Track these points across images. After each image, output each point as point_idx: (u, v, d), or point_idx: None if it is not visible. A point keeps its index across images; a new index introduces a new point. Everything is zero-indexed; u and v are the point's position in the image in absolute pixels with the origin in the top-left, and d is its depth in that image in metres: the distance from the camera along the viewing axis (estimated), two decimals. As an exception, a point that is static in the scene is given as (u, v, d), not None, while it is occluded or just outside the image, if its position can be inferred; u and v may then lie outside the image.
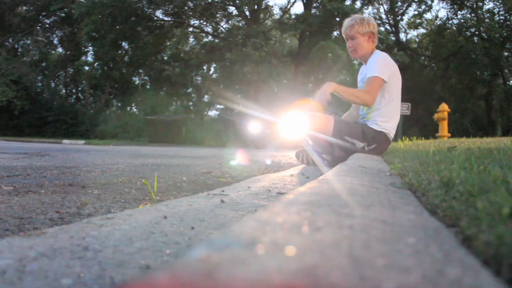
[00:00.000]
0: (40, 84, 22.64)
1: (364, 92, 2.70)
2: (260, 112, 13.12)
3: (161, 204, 1.10)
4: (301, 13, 18.74)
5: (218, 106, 23.69)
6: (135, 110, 23.75)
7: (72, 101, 24.30)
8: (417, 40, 23.93)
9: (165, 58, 23.31)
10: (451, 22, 20.32)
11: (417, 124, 19.35)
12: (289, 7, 20.86)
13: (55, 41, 24.10)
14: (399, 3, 21.29)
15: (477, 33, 18.96)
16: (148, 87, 24.79)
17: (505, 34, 17.85)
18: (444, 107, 9.22)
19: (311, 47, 18.32)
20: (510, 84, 20.99)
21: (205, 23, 20.79)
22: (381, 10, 22.01)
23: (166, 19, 19.82)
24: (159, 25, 19.94)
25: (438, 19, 22.13)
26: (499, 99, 20.38)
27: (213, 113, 25.32)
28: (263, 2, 19.10)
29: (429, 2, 20.57)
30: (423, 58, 22.67)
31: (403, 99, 3.99)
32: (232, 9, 19.69)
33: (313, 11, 18.68)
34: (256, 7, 18.61)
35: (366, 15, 3.08)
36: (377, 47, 2.99)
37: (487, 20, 18.53)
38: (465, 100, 20.85)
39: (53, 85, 24.47)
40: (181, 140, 15.70)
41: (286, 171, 2.81)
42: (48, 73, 23.82)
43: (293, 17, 19.62)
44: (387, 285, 0.30)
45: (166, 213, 0.94)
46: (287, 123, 2.88)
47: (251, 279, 0.29)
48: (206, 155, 5.81)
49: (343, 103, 3.02)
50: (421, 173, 1.16)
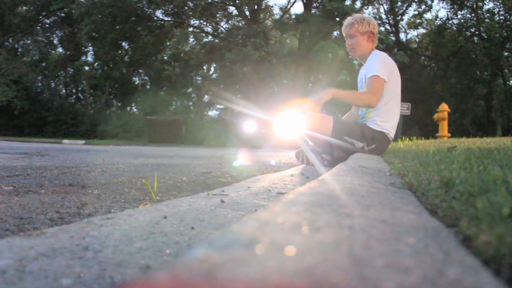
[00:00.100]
0: (40, 84, 22.65)
1: (367, 93, 2.68)
2: (256, 111, 12.99)
3: (161, 204, 1.10)
4: (301, 13, 18.73)
5: (218, 106, 23.72)
6: (135, 110, 23.81)
7: (72, 101, 24.32)
8: (417, 40, 23.94)
9: (165, 58, 23.34)
10: (451, 22, 20.35)
11: (417, 124, 19.36)
12: (289, 7, 20.89)
13: (55, 41, 24.17)
14: (399, 3, 21.30)
15: (477, 33, 18.97)
16: (148, 87, 24.83)
17: (505, 34, 17.86)
18: (444, 107, 9.22)
19: (311, 47, 18.33)
20: (510, 84, 21.01)
21: (205, 23, 20.80)
22: (381, 10, 22.04)
23: (166, 19, 19.83)
24: (159, 25, 19.94)
25: (438, 19, 22.17)
26: (499, 99, 20.40)
27: (213, 113, 25.35)
28: (263, 2, 19.12)
29: (429, 2, 20.61)
30: (423, 58, 22.67)
31: (403, 99, 3.98)
32: (232, 9, 19.72)
33: (313, 11, 18.67)
34: (256, 7, 18.63)
35: (367, 15, 3.07)
36: (377, 47, 2.99)
37: (487, 20, 18.55)
38: (465, 100, 20.87)
39: (53, 85, 24.50)
40: (181, 140, 15.70)
41: (286, 171, 2.81)
42: (48, 73, 23.84)
43: (293, 17, 19.63)
44: (387, 285, 0.30)
45: (166, 213, 0.94)
46: (283, 122, 2.86)
47: (251, 279, 0.29)
48: (206, 155, 5.81)
49: (340, 102, 3.00)
50: (421, 173, 1.16)
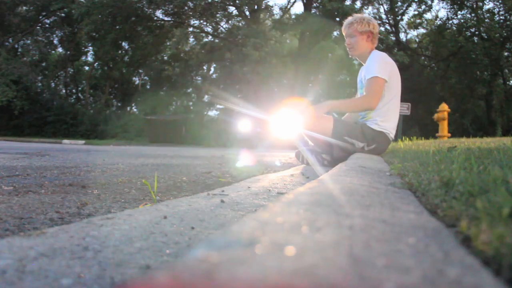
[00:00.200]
0: (40, 84, 22.66)
1: (364, 97, 2.68)
2: (256, 111, 12.90)
3: (161, 204, 1.10)
4: (301, 13, 18.75)
5: (218, 106, 23.72)
6: (135, 110, 23.82)
7: (72, 101, 24.32)
8: (417, 40, 23.97)
9: (165, 58, 23.37)
10: (451, 22, 20.37)
11: (417, 124, 19.36)
12: (289, 7, 20.92)
13: (55, 41, 24.17)
14: (399, 3, 21.31)
15: (477, 33, 18.98)
16: (148, 87, 24.84)
17: (505, 34, 17.87)
18: (444, 107, 9.23)
19: (311, 47, 18.33)
20: (510, 84, 21.03)
21: (205, 23, 20.82)
22: (381, 10, 22.07)
23: (166, 19, 19.84)
24: (159, 25, 19.95)
25: (438, 19, 22.20)
26: (499, 99, 20.40)
27: (213, 113, 25.35)
28: (263, 2, 19.12)
29: (429, 2, 20.62)
30: (423, 58, 22.69)
31: (403, 99, 3.98)
32: (232, 9, 19.73)
33: (313, 11, 18.68)
34: (256, 7, 18.64)
35: (367, 15, 3.07)
36: (377, 47, 2.98)
37: (487, 20, 18.55)
38: (465, 100, 20.88)
39: (53, 85, 24.51)
40: (181, 140, 15.71)
41: (286, 171, 2.81)
42: (48, 73, 23.84)
43: (293, 17, 19.64)
44: (387, 285, 0.30)
45: (166, 213, 0.94)
46: (280, 121, 2.85)
47: (251, 279, 0.29)
48: (206, 155, 5.81)
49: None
50: (421, 173, 1.16)
